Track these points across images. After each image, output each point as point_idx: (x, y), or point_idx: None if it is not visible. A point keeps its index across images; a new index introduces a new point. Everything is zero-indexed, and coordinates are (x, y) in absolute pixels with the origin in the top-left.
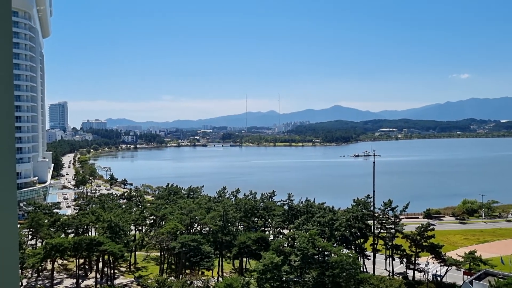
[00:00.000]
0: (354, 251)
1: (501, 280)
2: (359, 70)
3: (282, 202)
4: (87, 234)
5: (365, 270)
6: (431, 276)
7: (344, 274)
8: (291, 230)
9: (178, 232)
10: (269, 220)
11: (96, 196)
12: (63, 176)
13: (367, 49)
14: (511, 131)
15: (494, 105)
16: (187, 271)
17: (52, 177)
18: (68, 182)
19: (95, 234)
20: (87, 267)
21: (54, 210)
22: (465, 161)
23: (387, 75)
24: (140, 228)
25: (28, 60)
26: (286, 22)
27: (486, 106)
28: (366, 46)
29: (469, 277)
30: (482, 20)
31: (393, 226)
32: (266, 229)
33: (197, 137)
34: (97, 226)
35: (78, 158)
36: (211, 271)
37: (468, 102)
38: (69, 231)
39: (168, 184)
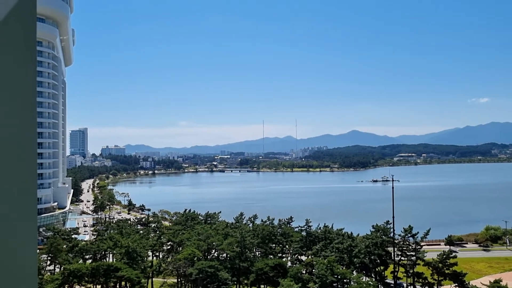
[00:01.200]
0: (374, 279)
1: None
2: (376, 95)
3: (300, 228)
4: (104, 260)
5: None
6: None
7: None
8: (309, 257)
9: (195, 258)
10: (287, 246)
11: (114, 221)
12: (82, 201)
13: (384, 74)
14: None
15: None
16: None
17: (72, 203)
18: (87, 207)
19: (113, 259)
20: None
21: (73, 236)
22: (487, 186)
23: (405, 100)
24: (157, 254)
25: (51, 88)
26: (302, 49)
27: (507, 130)
28: (383, 71)
29: None
30: (501, 44)
31: (414, 253)
32: (283, 255)
33: (215, 163)
34: (114, 251)
35: (97, 183)
36: None
37: (488, 126)
38: (87, 256)
39: (186, 209)
